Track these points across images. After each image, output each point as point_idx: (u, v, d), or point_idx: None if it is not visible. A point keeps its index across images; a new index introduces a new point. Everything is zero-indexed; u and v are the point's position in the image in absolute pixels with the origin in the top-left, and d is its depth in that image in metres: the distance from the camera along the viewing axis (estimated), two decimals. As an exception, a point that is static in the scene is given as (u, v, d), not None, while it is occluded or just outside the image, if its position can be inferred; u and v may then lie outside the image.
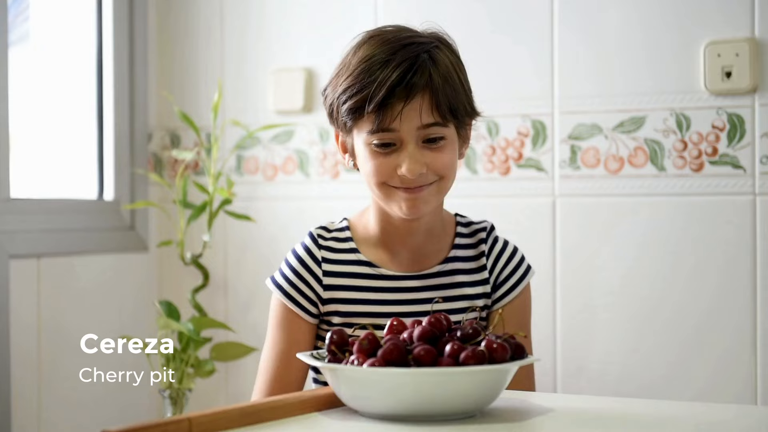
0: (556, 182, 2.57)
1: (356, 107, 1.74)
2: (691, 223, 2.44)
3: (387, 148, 1.76)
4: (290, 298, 1.87)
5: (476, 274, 1.91)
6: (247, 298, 2.97)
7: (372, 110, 1.72)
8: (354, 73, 1.74)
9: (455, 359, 1.40)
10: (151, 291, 3.06)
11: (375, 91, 1.71)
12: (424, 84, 1.72)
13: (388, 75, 1.71)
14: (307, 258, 1.88)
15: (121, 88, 3.03)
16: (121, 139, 3.03)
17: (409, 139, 1.75)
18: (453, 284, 1.88)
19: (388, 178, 1.78)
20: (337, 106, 1.77)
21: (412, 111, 1.73)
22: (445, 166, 1.78)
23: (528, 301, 1.95)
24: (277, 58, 2.93)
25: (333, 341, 1.49)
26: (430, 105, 1.74)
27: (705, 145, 2.42)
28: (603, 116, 2.52)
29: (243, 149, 2.97)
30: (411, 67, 1.72)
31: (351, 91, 1.74)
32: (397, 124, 1.73)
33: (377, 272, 1.87)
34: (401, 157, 1.76)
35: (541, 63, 2.59)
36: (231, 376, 2.97)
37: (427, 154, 1.76)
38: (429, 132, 1.75)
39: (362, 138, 1.78)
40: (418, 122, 1.74)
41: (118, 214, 3.01)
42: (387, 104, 1.72)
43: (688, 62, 2.44)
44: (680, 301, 2.45)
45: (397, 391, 1.38)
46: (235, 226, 2.96)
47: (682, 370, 2.44)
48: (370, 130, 1.75)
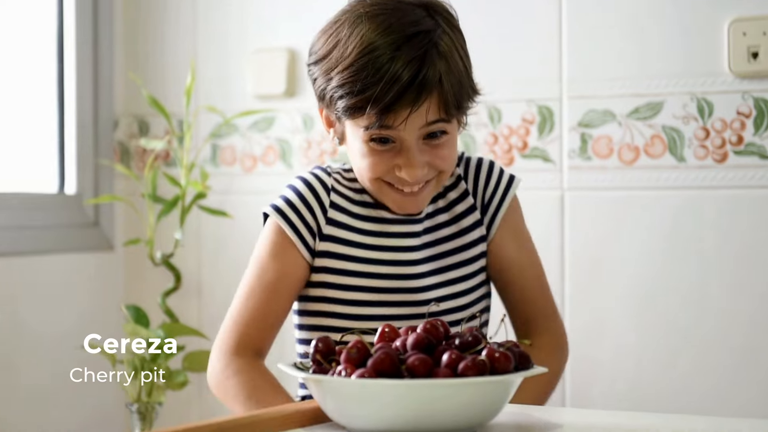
0: (565, 174, 2.57)
1: (356, 107, 1.74)
2: (714, 220, 2.44)
3: (385, 144, 1.78)
4: (290, 224, 1.87)
5: (464, 219, 1.95)
6: (223, 302, 2.94)
7: (374, 112, 1.73)
8: (354, 66, 1.73)
9: (453, 370, 1.40)
10: (117, 294, 3.06)
11: (380, 93, 1.71)
12: (432, 85, 1.73)
13: (394, 76, 1.70)
14: (317, 184, 1.89)
15: (84, 70, 3.03)
16: (84, 127, 3.03)
17: (411, 139, 1.77)
18: (453, 218, 1.93)
19: (383, 175, 1.81)
20: (331, 96, 1.77)
21: (418, 114, 1.74)
22: (446, 161, 1.82)
23: (520, 211, 2.00)
24: (256, 37, 2.94)
25: (318, 349, 1.48)
26: (437, 104, 1.75)
27: (729, 133, 2.42)
28: (616, 101, 2.52)
29: (219, 138, 2.97)
30: (420, 68, 1.71)
31: (350, 87, 1.73)
32: (400, 126, 1.75)
33: (379, 214, 1.90)
34: (401, 157, 1.78)
35: (548, 42, 2.59)
36: (205, 388, 2.97)
37: (427, 152, 1.79)
38: (431, 129, 1.78)
39: (358, 132, 1.79)
40: (423, 122, 1.76)
41: (80, 209, 3.01)
42: (392, 109, 1.72)
43: (711, 41, 2.44)
44: (707, 305, 2.45)
45: (389, 405, 1.37)
46: (210, 222, 2.96)
47: (723, 383, 2.44)
48: (368, 126, 1.76)
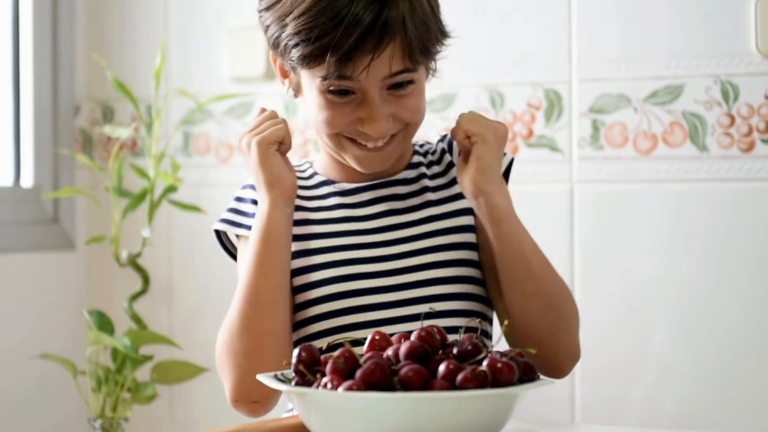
0: (575, 165, 2.58)
1: (312, 56, 1.75)
2: (739, 215, 2.44)
3: (345, 96, 1.79)
4: (242, 226, 1.92)
5: (448, 189, 1.94)
6: (196, 307, 2.97)
7: (333, 60, 1.73)
8: (311, 11, 1.74)
9: (451, 382, 1.39)
10: (79, 298, 3.06)
11: (339, 39, 1.72)
12: (395, 28, 1.73)
13: (354, 19, 1.71)
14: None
15: (42, 50, 3.03)
16: (42, 113, 3.03)
17: (373, 90, 1.77)
18: (420, 190, 1.92)
19: (343, 129, 1.81)
20: (285, 44, 1.78)
21: (380, 62, 1.75)
22: (413, 112, 1.82)
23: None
24: (233, 13, 2.94)
25: (301, 359, 1.48)
26: (401, 51, 1.75)
27: (756, 119, 2.42)
28: (631, 85, 2.53)
29: (191, 125, 2.97)
30: (381, 9, 1.72)
31: (307, 34, 1.74)
32: (361, 76, 1.75)
33: (336, 188, 1.92)
34: (363, 110, 1.78)
35: (556, 18, 2.59)
36: (176, 402, 2.98)
37: (392, 102, 1.80)
38: (396, 79, 1.78)
39: (314, 83, 1.79)
40: (387, 71, 1.76)
41: (38, 204, 3.01)
42: (352, 56, 1.73)
43: (736, 18, 2.44)
44: (731, 308, 2.45)
45: (380, 420, 1.37)
46: (182, 218, 2.97)
47: (747, 394, 2.44)
48: (326, 76, 1.76)
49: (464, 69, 2.63)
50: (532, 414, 2.33)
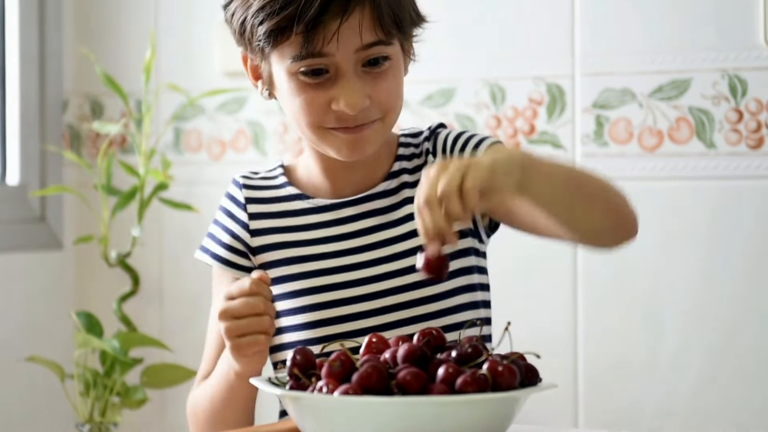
0: (578, 162, 2.57)
1: (279, 28, 1.74)
2: (748, 213, 2.44)
3: (318, 76, 1.77)
4: (221, 260, 1.92)
5: None
6: (188, 308, 2.97)
7: (300, 31, 1.72)
8: None
9: (450, 386, 1.39)
10: (67, 299, 3.06)
11: (304, 7, 1.71)
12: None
13: None
14: (230, 204, 1.93)
15: (29, 43, 3.03)
16: (29, 108, 3.03)
17: (347, 64, 1.76)
18: (401, 202, 1.90)
19: (321, 117, 1.79)
20: (251, 26, 1.78)
21: (350, 29, 1.74)
22: (391, 96, 1.80)
23: None
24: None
25: (296, 363, 1.48)
26: (371, 20, 1.75)
27: (765, 115, 2.43)
28: (636, 79, 2.53)
29: (182, 120, 2.97)
30: None
31: (271, 7, 1.74)
32: (331, 48, 1.74)
33: (313, 204, 1.90)
34: (337, 88, 1.77)
35: (559, 10, 2.59)
36: (167, 406, 2.98)
37: (368, 82, 1.78)
38: (370, 53, 1.77)
39: (284, 66, 1.78)
40: (358, 43, 1.75)
41: (24, 202, 3.01)
42: (319, 23, 1.72)
43: (744, 11, 2.45)
44: (741, 306, 2.45)
45: (377, 425, 1.37)
46: (173, 217, 2.97)
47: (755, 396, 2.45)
48: (296, 55, 1.76)
49: (463, 63, 2.63)
50: (534, 418, 2.32)
